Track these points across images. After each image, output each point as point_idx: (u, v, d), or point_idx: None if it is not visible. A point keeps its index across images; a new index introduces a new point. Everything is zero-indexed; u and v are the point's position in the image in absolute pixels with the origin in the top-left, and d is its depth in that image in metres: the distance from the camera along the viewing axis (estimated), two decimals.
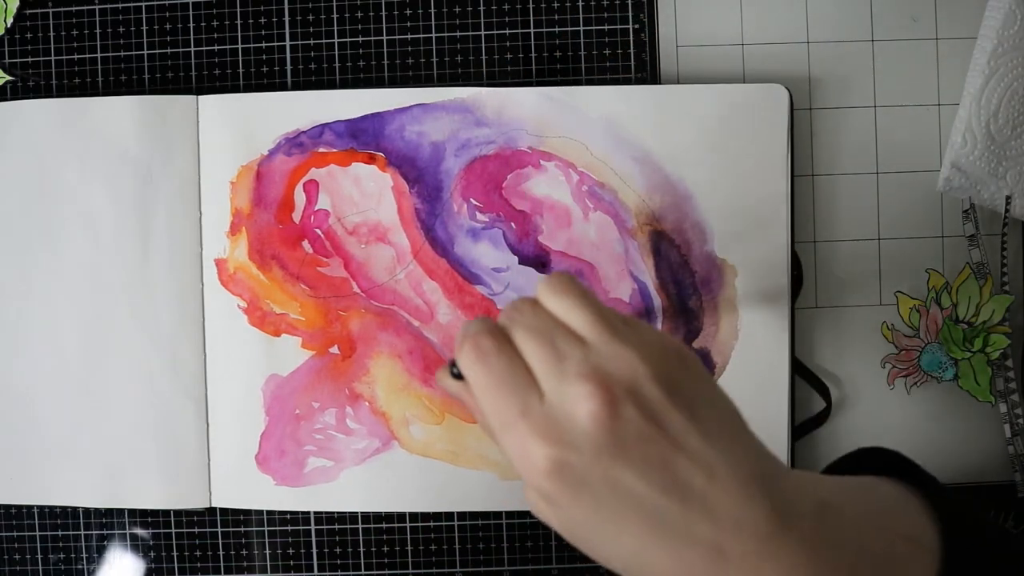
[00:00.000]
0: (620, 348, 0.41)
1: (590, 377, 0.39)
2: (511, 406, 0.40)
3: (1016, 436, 0.64)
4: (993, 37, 0.61)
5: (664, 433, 0.40)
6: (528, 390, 0.41)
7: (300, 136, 0.64)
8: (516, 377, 0.41)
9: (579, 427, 0.39)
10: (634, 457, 0.39)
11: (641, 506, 0.39)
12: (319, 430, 0.65)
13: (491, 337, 0.42)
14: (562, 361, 0.41)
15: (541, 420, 0.40)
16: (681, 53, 0.65)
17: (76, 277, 0.66)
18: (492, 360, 0.42)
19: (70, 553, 0.68)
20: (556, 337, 0.42)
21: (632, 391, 0.40)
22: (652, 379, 0.40)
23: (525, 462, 0.40)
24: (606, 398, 0.39)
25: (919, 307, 0.65)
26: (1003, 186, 0.63)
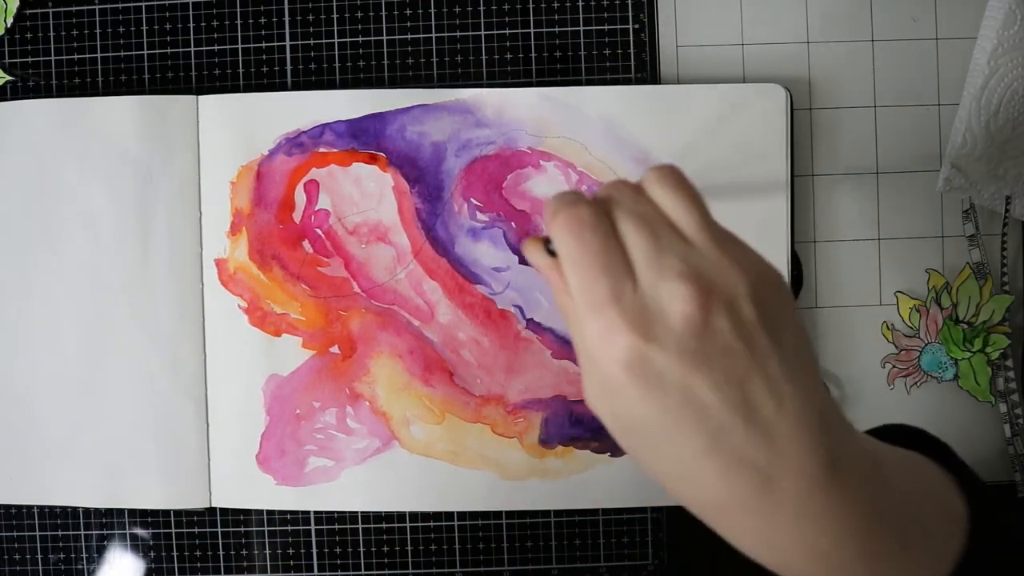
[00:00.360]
0: (724, 258, 0.39)
1: (691, 278, 0.38)
2: (602, 287, 0.39)
3: (1016, 436, 0.64)
4: (993, 37, 0.61)
5: (749, 352, 0.39)
6: (623, 274, 0.39)
7: (301, 136, 0.64)
8: (612, 258, 0.39)
9: (669, 325, 0.38)
10: (715, 368, 0.38)
11: (707, 418, 0.38)
12: (320, 430, 0.65)
13: (591, 210, 0.40)
14: (664, 255, 0.39)
15: (632, 308, 0.38)
16: (681, 53, 0.65)
17: (76, 277, 0.66)
18: (590, 235, 0.40)
19: (70, 553, 0.68)
20: (660, 229, 0.40)
21: (729, 303, 0.39)
22: (749, 297, 0.39)
23: (604, 347, 0.38)
24: (703, 303, 0.38)
25: (919, 307, 0.65)
26: (1003, 186, 0.63)
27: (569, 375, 0.64)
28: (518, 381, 0.64)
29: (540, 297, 0.64)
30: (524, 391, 0.64)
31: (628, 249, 0.40)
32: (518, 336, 0.64)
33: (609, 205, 0.41)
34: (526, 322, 0.64)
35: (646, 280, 0.39)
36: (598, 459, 0.64)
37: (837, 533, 0.39)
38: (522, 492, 0.65)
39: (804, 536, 0.39)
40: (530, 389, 0.64)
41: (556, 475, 0.64)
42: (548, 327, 0.64)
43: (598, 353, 0.39)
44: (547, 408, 0.64)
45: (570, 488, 0.64)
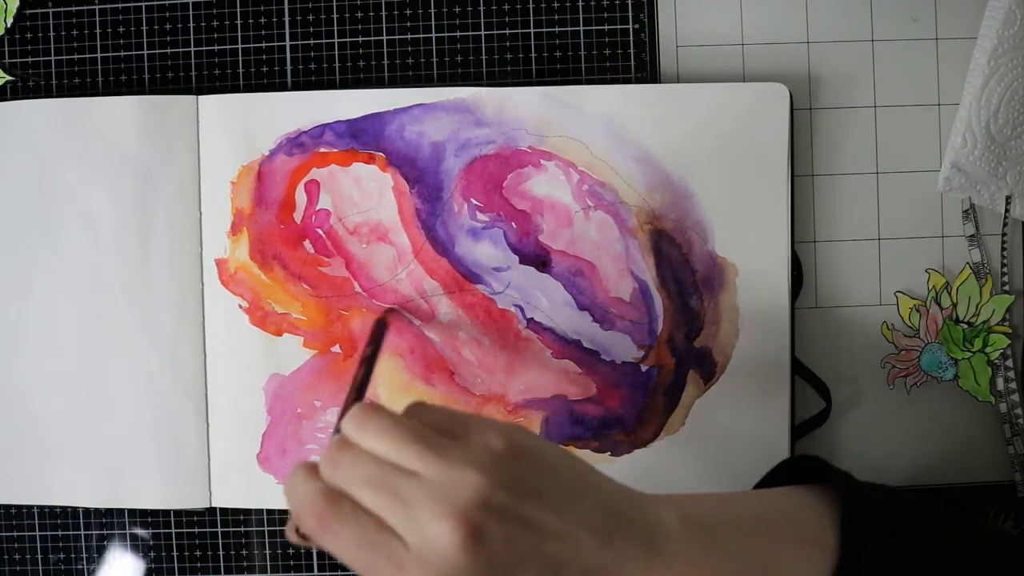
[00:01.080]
0: (455, 471, 0.41)
1: (442, 514, 0.40)
2: (383, 564, 0.40)
3: (1016, 436, 0.64)
4: (993, 37, 0.61)
5: (525, 528, 0.41)
6: (392, 542, 0.40)
7: (301, 136, 0.64)
8: (373, 534, 0.41)
9: (453, 562, 0.39)
10: (509, 563, 0.40)
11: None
12: (321, 429, 0.65)
13: (328, 503, 0.42)
14: (408, 505, 0.40)
15: (417, 569, 0.40)
16: (681, 53, 0.65)
17: (76, 277, 0.66)
18: (340, 526, 0.41)
19: (70, 553, 0.68)
20: (390, 480, 0.41)
21: (484, 507, 0.40)
22: (496, 487, 0.41)
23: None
24: (466, 527, 0.40)
25: (919, 307, 0.65)
26: (1003, 186, 0.63)
27: (569, 375, 0.64)
28: (518, 381, 0.64)
29: (540, 297, 0.64)
30: (524, 391, 0.64)
31: (378, 514, 0.41)
32: (518, 336, 0.64)
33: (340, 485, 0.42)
34: (526, 322, 0.64)
35: (410, 535, 0.40)
36: (598, 459, 0.64)
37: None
38: None
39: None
40: (530, 389, 0.64)
41: None
42: (548, 327, 0.64)
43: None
44: (547, 408, 0.64)
45: None
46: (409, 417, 0.45)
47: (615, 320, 0.64)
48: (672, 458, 0.64)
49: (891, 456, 0.65)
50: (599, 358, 0.64)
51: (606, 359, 0.64)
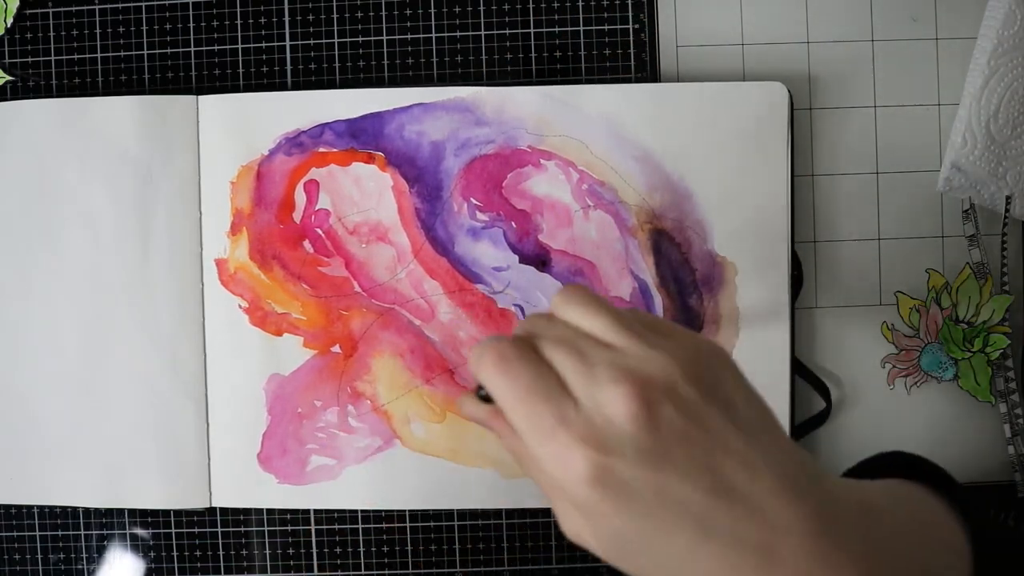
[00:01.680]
0: (649, 351, 0.40)
1: (624, 378, 0.39)
2: (546, 414, 0.39)
3: (1016, 436, 0.64)
4: (993, 37, 0.61)
5: (705, 433, 0.39)
6: (562, 397, 0.39)
7: (300, 136, 0.64)
8: (548, 384, 0.40)
9: (620, 430, 0.38)
10: (677, 458, 0.38)
11: (687, 510, 0.38)
12: (321, 428, 0.65)
13: (514, 345, 0.41)
14: (593, 367, 0.39)
15: (580, 426, 0.38)
16: (681, 53, 0.65)
17: (76, 277, 0.66)
18: (519, 368, 0.40)
19: (70, 553, 0.68)
20: (582, 344, 0.41)
21: (668, 391, 0.39)
22: (686, 379, 0.39)
23: (566, 472, 0.38)
24: (643, 398, 0.38)
25: (919, 307, 0.65)
26: (1003, 186, 0.63)
27: None
28: None
29: (540, 296, 0.64)
30: None
31: (559, 371, 0.40)
32: None
33: (529, 338, 0.42)
34: None
35: (584, 395, 0.39)
36: None
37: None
38: (523, 490, 0.65)
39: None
40: None
41: None
42: None
43: (561, 479, 0.39)
44: None
45: None
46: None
47: None
48: None
49: None
50: None
51: None
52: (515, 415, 0.40)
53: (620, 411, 0.38)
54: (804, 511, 0.38)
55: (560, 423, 0.39)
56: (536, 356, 0.41)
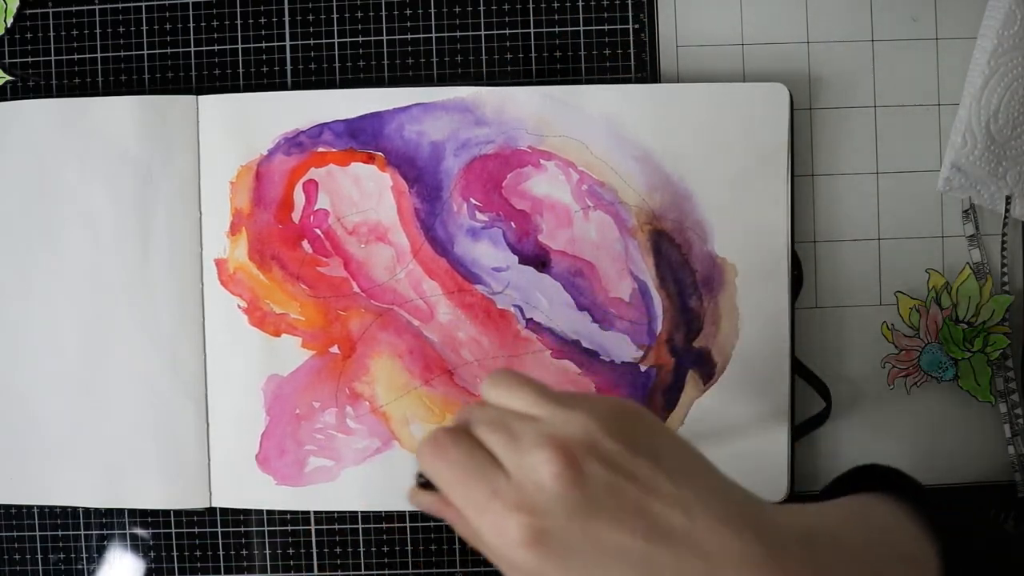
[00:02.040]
0: (568, 413, 0.42)
1: (546, 443, 0.41)
2: (480, 489, 0.41)
3: (1016, 436, 0.64)
4: (993, 37, 0.61)
5: (633, 482, 0.41)
6: (494, 471, 0.41)
7: (299, 136, 0.64)
8: (479, 461, 0.42)
9: (548, 492, 0.40)
10: (609, 509, 0.40)
11: (629, 557, 0.40)
12: (319, 430, 0.65)
13: (447, 432, 0.43)
14: (518, 439, 0.42)
15: (512, 495, 0.40)
16: (681, 53, 0.65)
17: (76, 277, 0.66)
18: (452, 451, 0.43)
19: (70, 553, 0.68)
20: (508, 421, 0.43)
21: (590, 448, 0.41)
22: (608, 435, 0.41)
23: (503, 539, 0.40)
24: (566, 458, 0.40)
25: (919, 307, 0.65)
26: (1003, 186, 0.63)
27: (569, 375, 0.64)
28: None
29: (540, 297, 0.64)
30: None
31: (490, 448, 0.43)
32: (518, 336, 0.64)
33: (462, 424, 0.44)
34: (526, 322, 0.64)
35: (513, 466, 0.41)
36: None
37: None
38: None
39: None
40: None
41: None
42: (548, 327, 0.64)
43: (502, 548, 0.41)
44: None
45: None
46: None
47: (614, 320, 0.64)
48: None
49: (891, 456, 0.65)
50: (598, 358, 0.64)
51: (605, 359, 0.64)
52: (454, 495, 0.42)
53: (545, 473, 0.40)
54: (746, 541, 0.40)
55: (493, 495, 0.41)
56: (468, 438, 0.43)
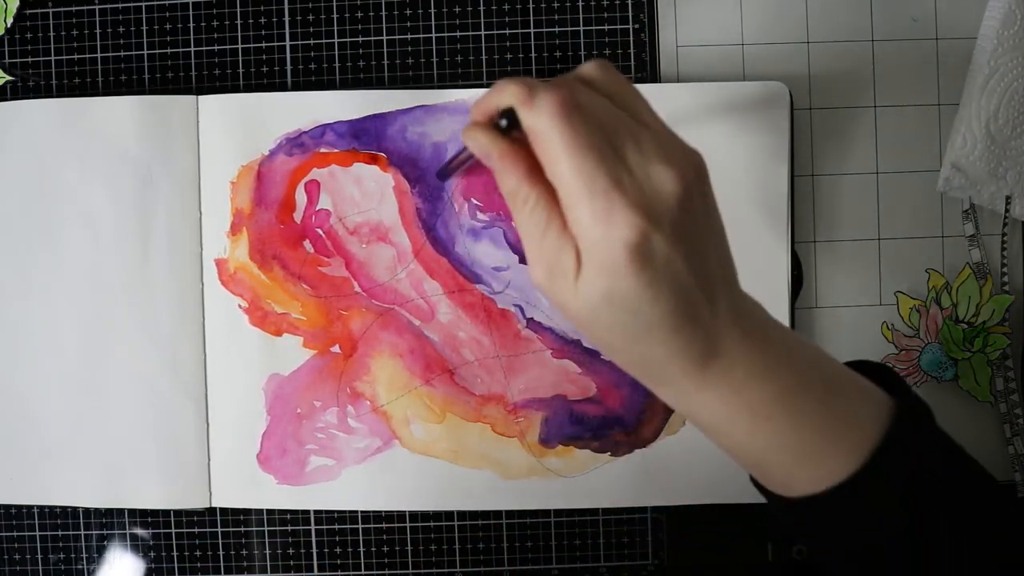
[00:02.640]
0: (682, 147, 0.43)
1: (673, 161, 0.41)
2: (603, 174, 0.40)
3: (1016, 436, 0.64)
4: (993, 37, 0.62)
5: (708, 225, 0.43)
6: (618, 160, 0.41)
7: (302, 136, 0.64)
8: (606, 144, 0.41)
9: (665, 205, 0.41)
10: (690, 241, 0.42)
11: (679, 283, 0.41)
12: (321, 429, 0.65)
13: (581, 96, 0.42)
14: (642, 143, 0.41)
15: (634, 193, 0.40)
16: (681, 53, 0.65)
17: (76, 277, 0.65)
18: (583, 120, 0.41)
19: (70, 553, 0.68)
20: (625, 120, 0.42)
21: (698, 181, 0.43)
22: (701, 178, 0.43)
23: (609, 231, 0.40)
24: (687, 182, 0.41)
25: (919, 307, 0.65)
26: (1003, 186, 0.63)
27: (569, 375, 0.64)
28: (518, 381, 0.64)
29: (540, 297, 0.64)
30: (524, 391, 0.64)
31: (616, 139, 0.42)
32: (518, 335, 0.64)
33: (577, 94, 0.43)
34: (526, 322, 0.64)
35: (636, 166, 0.41)
36: (598, 459, 0.64)
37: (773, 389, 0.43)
38: (522, 492, 0.65)
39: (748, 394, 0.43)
40: (530, 389, 0.64)
41: (556, 475, 0.64)
42: (548, 327, 0.64)
43: (598, 235, 0.40)
44: (547, 408, 0.64)
45: (570, 488, 0.65)
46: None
47: None
48: (673, 459, 0.64)
49: None
50: (599, 358, 0.64)
51: (606, 359, 0.64)
52: (567, 164, 0.40)
53: (670, 190, 0.41)
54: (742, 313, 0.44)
55: (615, 186, 0.40)
56: (597, 116, 0.42)
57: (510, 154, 0.43)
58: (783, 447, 0.44)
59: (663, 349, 0.43)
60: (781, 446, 0.44)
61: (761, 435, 0.44)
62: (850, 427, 0.44)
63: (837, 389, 0.45)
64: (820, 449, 0.44)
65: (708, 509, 0.65)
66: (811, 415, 0.44)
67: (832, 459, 0.44)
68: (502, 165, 0.43)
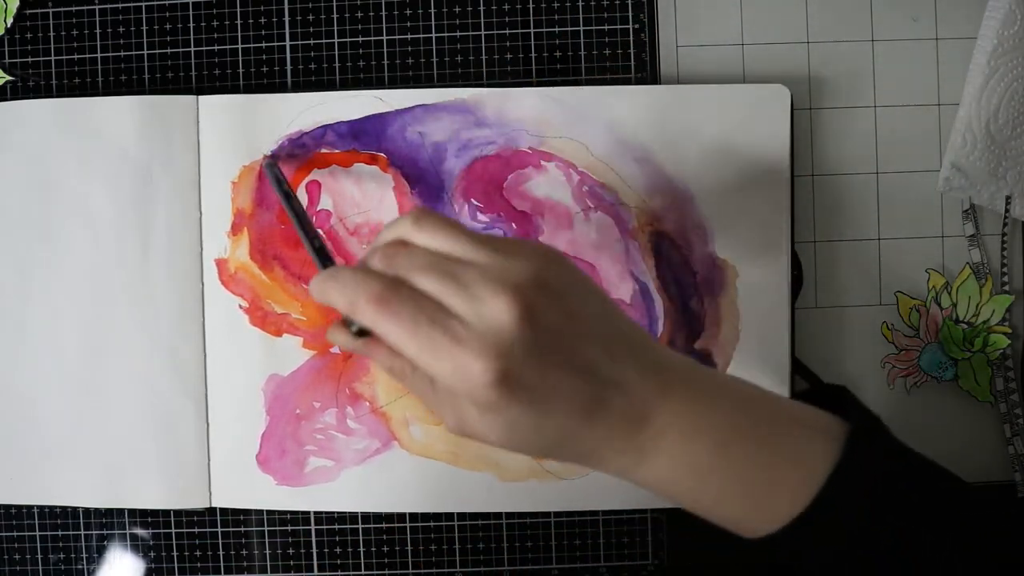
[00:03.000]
0: (510, 259, 0.43)
1: (501, 289, 0.42)
2: (438, 338, 0.42)
3: (1016, 436, 0.64)
4: (993, 37, 0.61)
5: (571, 321, 0.44)
6: (448, 320, 0.42)
7: (303, 137, 0.64)
8: (431, 312, 0.42)
9: (508, 335, 0.42)
10: (556, 347, 0.43)
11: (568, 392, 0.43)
12: (320, 430, 0.65)
13: (386, 285, 0.43)
14: (468, 288, 0.42)
15: (475, 341, 0.42)
16: (681, 53, 0.65)
17: (76, 277, 0.65)
18: (399, 305, 0.43)
19: (70, 553, 0.68)
20: (448, 267, 0.43)
21: (538, 290, 0.43)
22: (548, 278, 0.44)
23: (468, 381, 0.42)
24: (522, 301, 0.42)
25: (919, 307, 0.65)
26: (1003, 186, 0.63)
27: None
28: None
29: None
30: None
31: (435, 297, 0.43)
32: None
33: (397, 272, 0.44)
34: None
35: (467, 312, 0.42)
36: None
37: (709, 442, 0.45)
38: (521, 494, 0.65)
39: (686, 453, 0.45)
40: None
41: (555, 477, 0.64)
42: None
43: (463, 388, 0.42)
44: None
45: (569, 490, 0.64)
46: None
47: None
48: None
49: None
50: None
51: None
52: (407, 347, 0.43)
53: (506, 318, 0.42)
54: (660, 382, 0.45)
55: (454, 343, 0.42)
56: (408, 288, 0.43)
57: (369, 346, 0.46)
58: (733, 495, 0.46)
59: (588, 443, 0.44)
60: (731, 494, 0.46)
61: (709, 488, 0.46)
62: (797, 464, 0.45)
63: (781, 428, 0.46)
64: (769, 490, 0.45)
65: None
66: (755, 459, 0.45)
67: (782, 497, 0.45)
68: (368, 354, 0.46)
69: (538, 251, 0.45)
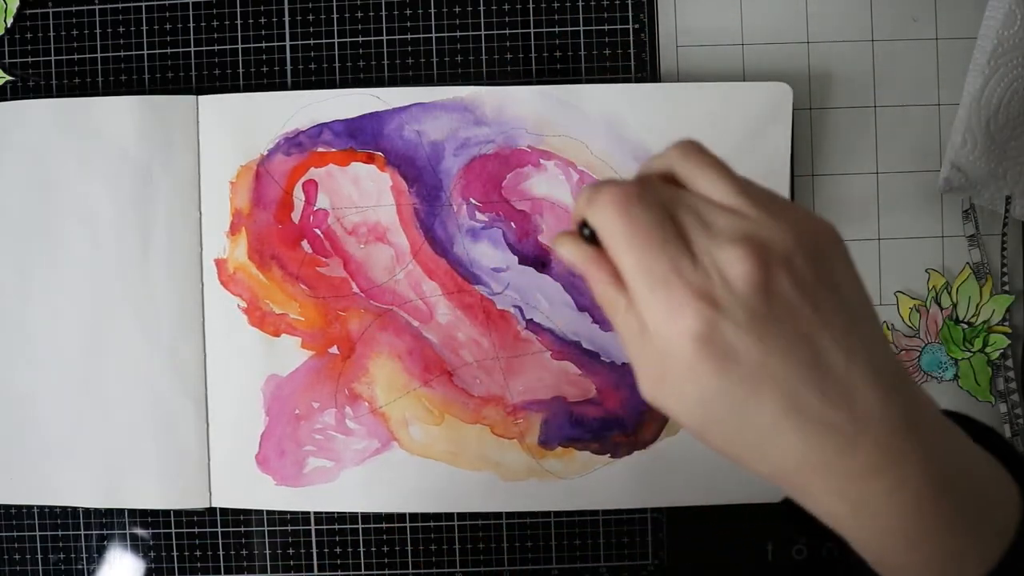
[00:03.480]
0: (771, 219, 0.38)
1: (745, 241, 0.37)
2: (662, 261, 0.38)
3: (1016, 436, 0.64)
4: (993, 37, 0.61)
5: (813, 310, 0.38)
6: (680, 249, 0.38)
7: (299, 136, 0.64)
8: (667, 233, 0.38)
9: (735, 291, 0.37)
10: (784, 330, 0.37)
11: (782, 383, 0.37)
12: (319, 430, 0.65)
13: (639, 193, 0.39)
14: (713, 227, 0.38)
15: (697, 280, 0.37)
16: (681, 53, 0.65)
17: (76, 277, 0.66)
18: (640, 211, 0.39)
19: (70, 553, 0.68)
20: (703, 208, 0.39)
21: (786, 261, 0.38)
22: (803, 253, 0.38)
23: (673, 323, 0.37)
24: (762, 263, 0.37)
25: (919, 307, 0.65)
26: (1003, 186, 0.63)
27: (569, 376, 0.64)
28: (517, 382, 0.64)
29: (540, 297, 0.64)
30: (523, 392, 0.64)
31: (681, 227, 0.39)
32: (517, 336, 0.64)
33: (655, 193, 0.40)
34: (526, 323, 0.64)
35: (703, 252, 0.38)
36: (598, 460, 0.64)
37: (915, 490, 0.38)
38: (521, 493, 0.64)
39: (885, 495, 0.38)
40: (529, 390, 0.64)
41: (556, 476, 0.64)
42: (548, 327, 0.64)
43: (665, 331, 0.38)
44: (547, 409, 0.64)
45: (570, 489, 0.64)
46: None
47: None
48: (672, 460, 0.64)
49: None
50: (599, 359, 0.64)
51: (606, 360, 0.64)
52: (627, 258, 0.39)
53: (738, 272, 0.37)
54: (891, 407, 0.38)
55: (675, 273, 0.38)
56: (660, 207, 0.39)
57: (594, 260, 0.41)
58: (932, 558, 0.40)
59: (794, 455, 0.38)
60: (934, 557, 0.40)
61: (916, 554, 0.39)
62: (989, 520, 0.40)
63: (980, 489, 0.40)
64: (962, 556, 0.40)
65: (708, 509, 0.65)
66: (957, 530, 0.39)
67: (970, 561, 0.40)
68: (587, 272, 0.42)
69: (810, 225, 0.39)
